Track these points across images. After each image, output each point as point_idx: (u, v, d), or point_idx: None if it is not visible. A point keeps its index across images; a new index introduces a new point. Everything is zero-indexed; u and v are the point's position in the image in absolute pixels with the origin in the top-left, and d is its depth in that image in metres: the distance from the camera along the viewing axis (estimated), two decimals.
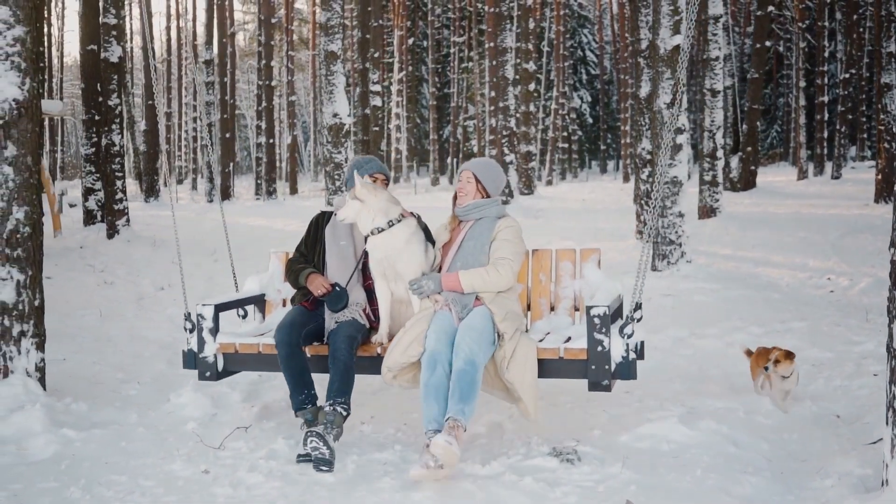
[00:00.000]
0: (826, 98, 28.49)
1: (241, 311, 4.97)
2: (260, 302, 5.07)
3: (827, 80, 29.98)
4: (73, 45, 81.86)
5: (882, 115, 16.61)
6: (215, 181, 11.46)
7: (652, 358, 5.60)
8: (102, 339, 7.05)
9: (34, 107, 5.08)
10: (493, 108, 25.08)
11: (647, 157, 12.52)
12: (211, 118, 29.44)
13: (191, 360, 4.61)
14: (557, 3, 37.23)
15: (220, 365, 4.55)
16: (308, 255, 4.72)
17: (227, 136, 30.05)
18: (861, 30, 28.96)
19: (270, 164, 29.91)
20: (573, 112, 48.05)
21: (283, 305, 5.06)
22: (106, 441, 4.36)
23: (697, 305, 7.94)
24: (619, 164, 51.49)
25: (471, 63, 42.05)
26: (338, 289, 4.45)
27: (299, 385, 4.26)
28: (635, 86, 13.54)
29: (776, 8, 29.77)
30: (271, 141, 30.40)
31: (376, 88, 26.97)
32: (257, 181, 31.23)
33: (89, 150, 14.20)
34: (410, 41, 44.69)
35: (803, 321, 7.14)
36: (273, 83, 31.90)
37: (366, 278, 4.57)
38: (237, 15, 43.20)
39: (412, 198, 25.98)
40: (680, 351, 6.27)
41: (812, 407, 4.73)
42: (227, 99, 30.84)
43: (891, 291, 3.32)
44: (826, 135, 29.16)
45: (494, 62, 23.56)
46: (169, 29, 43.11)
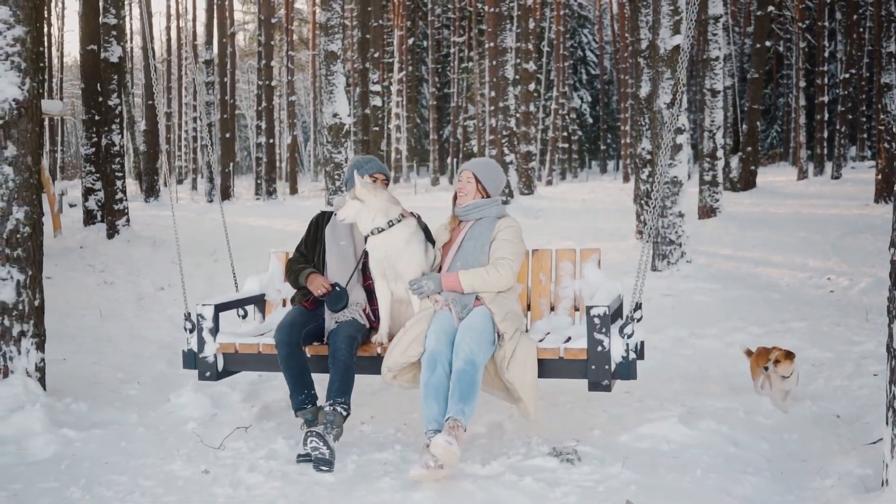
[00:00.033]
0: (826, 98, 28.49)
1: (241, 312, 4.97)
2: (260, 302, 5.06)
3: (827, 80, 29.99)
4: (73, 45, 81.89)
5: (882, 115, 16.61)
6: (215, 181, 11.46)
7: (652, 358, 5.60)
8: (102, 339, 7.05)
9: (34, 107, 5.08)
10: (493, 108, 25.08)
11: (647, 157, 12.52)
12: (211, 118, 29.44)
13: (191, 360, 4.61)
14: (557, 3, 37.22)
15: (220, 365, 4.55)
16: (308, 255, 4.72)
17: (227, 136, 30.06)
18: (861, 30, 28.96)
19: (270, 164, 29.91)
20: (573, 112, 48.06)
21: (283, 305, 5.05)
22: (106, 441, 4.36)
23: (697, 305, 7.94)
24: (619, 164, 51.50)
25: (471, 63, 42.04)
26: (338, 289, 4.44)
27: (299, 385, 4.26)
28: (635, 86, 13.54)
29: (776, 8, 29.77)
30: (271, 141, 30.40)
31: (376, 88, 26.97)
32: (257, 181, 31.23)
33: (89, 150, 14.22)
34: (410, 41, 44.69)
35: (803, 321, 7.14)
36: (273, 83, 31.90)
37: (366, 278, 4.57)
38: (237, 15, 43.21)
39: (412, 198, 25.98)
40: (680, 351, 6.27)
41: (812, 407, 4.73)
42: (227, 99, 30.85)
43: (891, 291, 3.32)
44: (826, 135, 29.17)
45: (494, 62, 23.56)
46: (169, 29, 43.13)
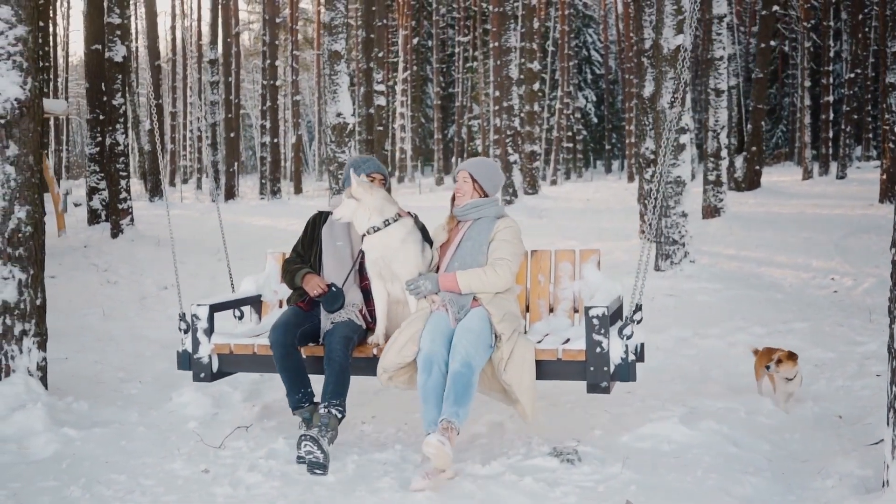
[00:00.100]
0: (831, 98, 28.44)
1: (237, 312, 4.95)
2: (256, 303, 5.02)
3: (832, 79, 29.89)
4: (77, 45, 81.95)
5: (887, 115, 16.56)
6: (216, 180, 11.48)
7: (654, 358, 5.59)
8: (104, 339, 7.07)
9: (36, 106, 5.09)
10: (498, 107, 25.04)
11: (651, 157, 12.50)
12: (216, 118, 29.49)
13: (185, 360, 4.54)
14: (562, 2, 37.18)
15: (214, 366, 4.49)
16: (305, 256, 4.70)
17: (232, 135, 30.09)
18: (866, 29, 28.87)
19: (275, 163, 29.93)
20: (578, 112, 48.02)
21: (280, 306, 5.02)
22: (106, 440, 4.37)
23: (700, 305, 7.92)
24: (623, 163, 51.39)
25: (475, 63, 42.02)
26: (334, 289, 4.41)
27: (295, 384, 4.24)
28: (639, 85, 13.52)
29: (781, 7, 29.68)
30: (276, 140, 30.43)
31: (381, 88, 26.94)
32: (262, 180, 31.25)
33: (94, 150, 14.26)
34: (415, 41, 44.69)
35: (806, 321, 7.12)
36: (278, 83, 31.96)
37: (362, 279, 4.54)
38: (242, 15, 43.34)
39: (416, 197, 25.98)
40: (682, 351, 6.26)
41: (814, 407, 4.72)
42: (231, 98, 30.89)
43: (892, 291, 3.30)
44: (831, 135, 29.12)
45: (499, 62, 23.54)
46: (174, 28, 43.22)
